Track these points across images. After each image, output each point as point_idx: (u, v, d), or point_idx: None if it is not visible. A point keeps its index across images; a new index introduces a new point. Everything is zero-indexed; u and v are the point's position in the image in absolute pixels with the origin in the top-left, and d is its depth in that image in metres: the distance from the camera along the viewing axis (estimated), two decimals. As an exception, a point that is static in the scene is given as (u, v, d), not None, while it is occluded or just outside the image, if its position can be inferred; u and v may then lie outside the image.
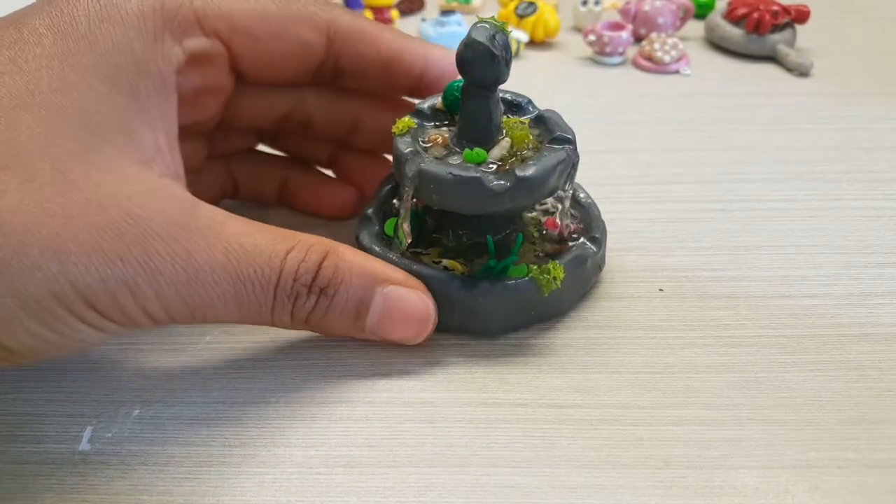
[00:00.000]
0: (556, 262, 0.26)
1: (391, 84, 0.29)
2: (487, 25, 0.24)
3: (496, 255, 0.26)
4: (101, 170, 0.20)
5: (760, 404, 0.24)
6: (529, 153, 0.26)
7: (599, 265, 0.29)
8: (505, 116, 0.27)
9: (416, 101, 0.28)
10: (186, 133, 0.26)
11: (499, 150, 0.26)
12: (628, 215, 0.34)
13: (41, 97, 0.20)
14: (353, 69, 0.29)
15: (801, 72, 0.48)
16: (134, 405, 0.24)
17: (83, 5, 0.22)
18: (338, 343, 0.27)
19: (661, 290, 0.29)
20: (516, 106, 0.28)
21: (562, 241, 0.28)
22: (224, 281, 0.21)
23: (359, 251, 0.25)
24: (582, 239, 0.28)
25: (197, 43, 0.25)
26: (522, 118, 0.27)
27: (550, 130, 0.26)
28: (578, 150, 0.26)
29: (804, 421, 0.24)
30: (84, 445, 0.23)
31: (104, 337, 0.22)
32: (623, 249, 0.31)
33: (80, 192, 0.20)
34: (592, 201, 0.30)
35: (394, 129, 0.26)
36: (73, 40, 0.21)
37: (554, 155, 0.25)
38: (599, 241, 0.28)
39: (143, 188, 0.21)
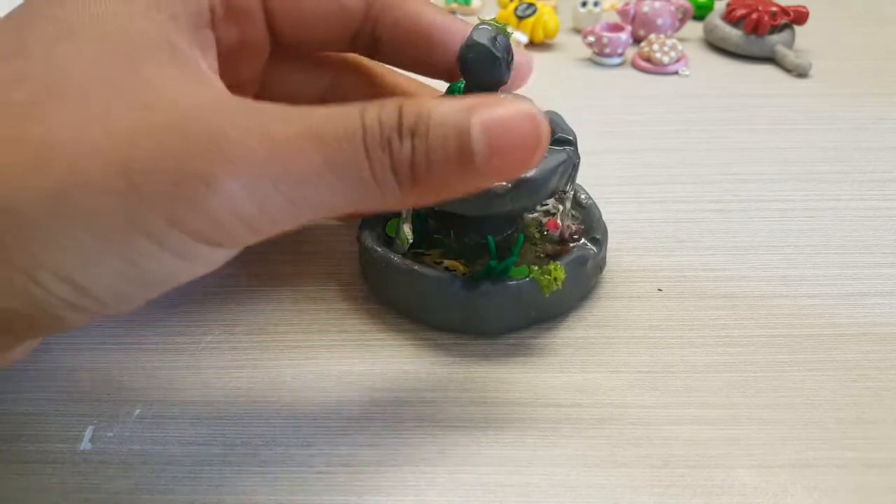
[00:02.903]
0: (557, 263, 0.26)
1: (429, 60, 0.28)
2: (489, 27, 0.24)
3: (497, 255, 0.26)
4: (152, 82, 0.19)
5: (759, 404, 0.24)
6: None
7: (600, 266, 0.29)
8: None
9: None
10: None
11: None
12: (628, 215, 0.34)
13: (82, 29, 0.20)
14: (390, 38, 0.27)
15: (800, 72, 0.48)
16: (135, 405, 0.24)
17: None
18: (338, 343, 0.27)
19: (659, 290, 0.29)
20: None
21: (563, 242, 0.29)
22: (310, 149, 0.19)
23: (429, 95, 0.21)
24: (583, 240, 0.29)
25: None
26: None
27: (552, 132, 0.26)
28: (578, 150, 0.26)
29: (803, 420, 0.24)
30: (85, 445, 0.23)
31: (193, 267, 0.19)
32: (622, 249, 0.31)
33: (133, 103, 0.19)
34: (594, 202, 0.30)
35: None
36: None
37: (555, 156, 0.25)
38: (600, 242, 0.28)
39: (200, 89, 0.20)
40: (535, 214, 0.30)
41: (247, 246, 0.20)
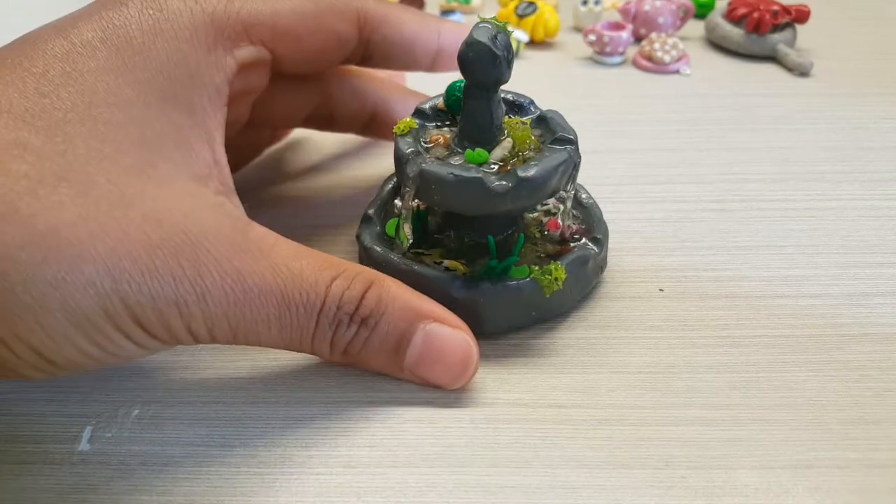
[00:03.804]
0: (558, 262, 0.26)
1: (413, 62, 0.31)
2: (489, 25, 0.24)
3: (497, 255, 0.26)
4: (157, 185, 0.20)
5: (761, 404, 0.24)
6: (531, 153, 0.26)
7: (601, 266, 0.29)
8: (507, 117, 0.27)
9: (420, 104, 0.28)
10: None
11: (500, 150, 0.26)
12: (628, 215, 0.34)
13: (97, 111, 0.20)
14: (379, 53, 0.30)
15: (801, 72, 0.48)
16: (134, 405, 0.24)
17: (135, 18, 0.22)
18: (338, 343, 0.27)
19: (661, 290, 0.29)
20: (518, 106, 0.28)
21: (563, 241, 0.28)
22: (270, 304, 0.21)
23: (403, 285, 0.24)
24: (584, 240, 0.28)
25: (246, 52, 0.25)
26: (524, 118, 0.27)
27: (552, 131, 0.26)
28: (579, 149, 0.26)
29: (804, 421, 0.24)
30: (84, 445, 0.23)
31: (145, 353, 0.22)
32: (623, 249, 0.31)
33: (135, 207, 0.20)
34: (594, 202, 0.30)
35: (395, 130, 0.26)
36: (127, 55, 0.21)
37: (556, 155, 0.25)
38: (601, 242, 0.28)
39: (198, 205, 0.21)
40: (536, 214, 0.30)
41: None
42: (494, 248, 0.26)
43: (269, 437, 0.23)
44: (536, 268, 0.26)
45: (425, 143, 0.27)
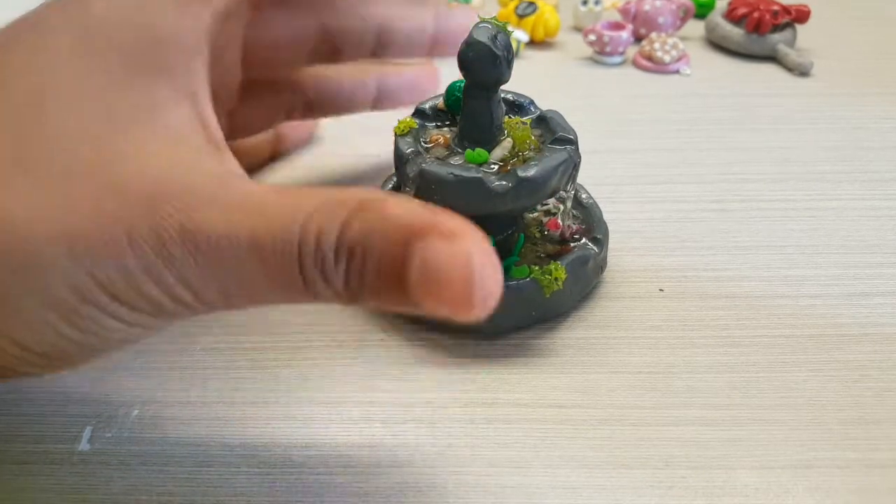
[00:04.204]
0: (558, 262, 0.26)
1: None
2: (489, 25, 0.24)
3: (497, 255, 0.26)
4: (120, 156, 0.19)
5: (761, 404, 0.24)
6: (531, 154, 0.26)
7: (601, 266, 0.29)
8: (507, 117, 0.27)
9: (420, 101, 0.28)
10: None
11: (500, 150, 0.26)
12: (628, 215, 0.34)
13: (56, 91, 0.20)
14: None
15: (802, 72, 0.48)
16: (133, 405, 0.24)
17: None
18: (337, 343, 0.27)
19: (661, 290, 0.29)
20: (518, 106, 0.28)
21: (563, 241, 0.28)
22: (243, 254, 0.19)
23: (407, 199, 0.20)
24: (584, 240, 0.28)
25: (221, 1, 0.23)
26: (524, 118, 0.27)
27: (552, 131, 0.26)
28: (579, 149, 0.26)
29: (804, 421, 0.24)
30: (84, 445, 0.23)
31: (142, 332, 0.20)
32: (623, 249, 0.31)
33: (95, 181, 0.19)
34: (595, 202, 0.30)
35: (395, 130, 0.27)
36: (91, 27, 0.21)
37: (556, 155, 0.25)
38: (601, 242, 0.28)
39: (169, 166, 0.20)
40: (536, 214, 0.30)
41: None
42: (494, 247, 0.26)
43: (270, 437, 0.23)
44: (536, 268, 0.26)
45: (425, 143, 0.27)
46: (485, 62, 0.24)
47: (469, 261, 0.18)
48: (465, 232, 0.19)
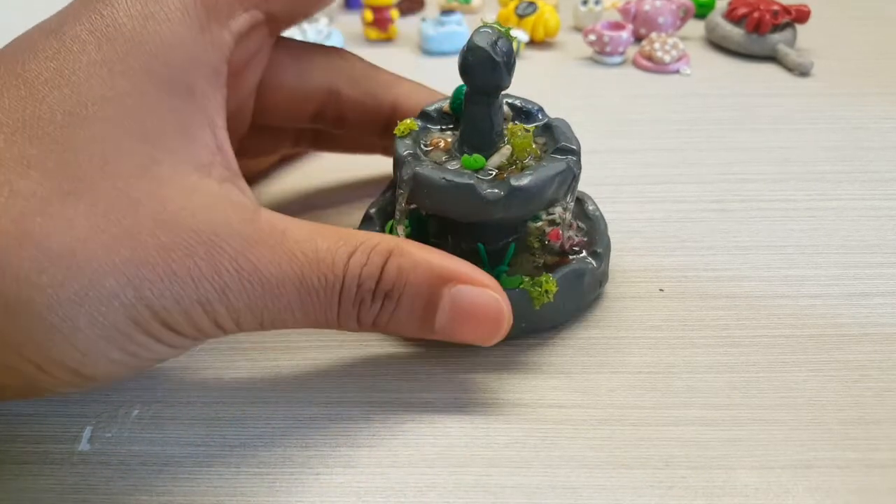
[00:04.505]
0: (550, 275, 0.26)
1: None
2: (490, 30, 0.24)
3: (490, 263, 0.26)
4: (162, 184, 0.20)
5: (761, 404, 0.24)
6: (531, 162, 0.25)
7: (600, 280, 0.28)
8: (512, 123, 0.27)
9: (427, 106, 0.28)
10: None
11: (498, 157, 0.25)
12: (628, 215, 0.34)
13: (93, 109, 0.20)
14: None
15: (802, 72, 0.48)
16: (133, 405, 0.24)
17: (123, 5, 0.21)
18: (337, 343, 0.27)
19: (661, 290, 0.29)
20: (526, 113, 0.28)
21: (563, 253, 0.28)
22: (289, 291, 0.21)
23: (425, 246, 0.23)
24: (584, 253, 0.28)
25: (241, 21, 0.24)
26: (528, 126, 0.27)
27: (556, 140, 0.26)
28: (581, 160, 0.26)
29: (804, 421, 0.24)
30: (84, 445, 0.23)
31: (177, 352, 0.22)
32: (623, 249, 0.31)
33: (144, 210, 0.20)
34: (601, 214, 0.29)
35: (396, 131, 0.26)
36: (118, 44, 0.21)
37: (553, 165, 0.25)
38: (601, 257, 0.28)
39: (205, 200, 0.21)
40: (540, 224, 0.29)
41: None
42: (485, 255, 0.26)
43: (269, 437, 0.23)
44: (528, 279, 0.26)
45: (426, 146, 0.27)
46: (484, 68, 0.24)
47: (497, 301, 0.23)
48: (490, 279, 0.23)
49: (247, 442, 0.23)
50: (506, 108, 0.28)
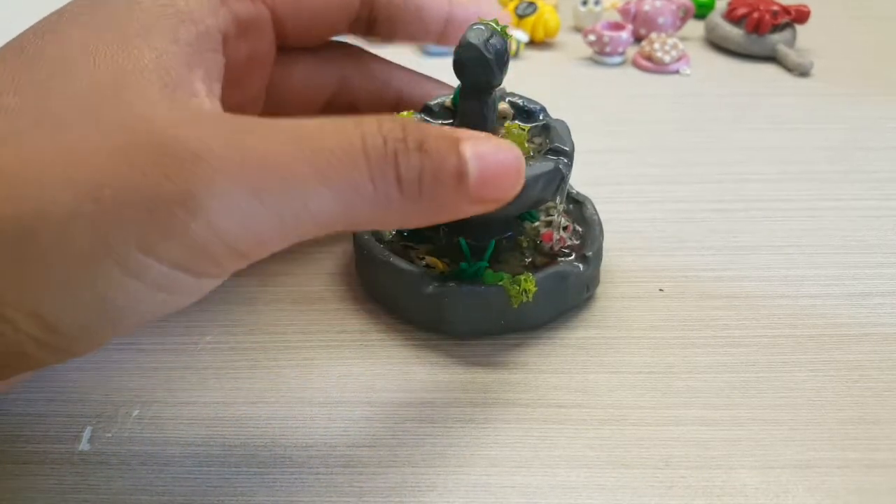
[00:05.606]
0: (531, 274, 0.25)
1: (422, 28, 0.29)
2: (483, 28, 0.24)
3: (474, 258, 0.26)
4: (129, 103, 0.18)
5: (760, 404, 0.24)
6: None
7: (587, 285, 0.28)
8: (516, 123, 0.27)
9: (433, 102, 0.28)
10: None
11: None
12: (629, 215, 0.34)
13: (74, 64, 0.19)
14: (385, 14, 0.28)
15: (801, 72, 0.48)
16: (134, 405, 0.24)
17: None
18: (337, 343, 0.27)
19: (661, 290, 0.29)
20: (527, 112, 0.28)
21: (554, 255, 0.28)
22: (299, 159, 0.18)
23: None
24: (573, 255, 0.27)
25: (243, 7, 0.24)
26: (526, 125, 0.27)
27: (552, 140, 0.26)
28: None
29: (804, 421, 0.24)
30: (84, 445, 0.23)
31: (176, 299, 0.18)
32: (623, 249, 0.31)
33: (106, 126, 0.18)
34: (598, 219, 0.29)
35: None
36: (112, 7, 0.21)
37: (540, 165, 0.24)
38: (590, 261, 0.27)
39: (182, 107, 0.19)
40: (536, 224, 0.29)
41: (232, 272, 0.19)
42: (467, 250, 0.26)
43: (269, 437, 0.23)
44: (509, 277, 0.25)
45: None
46: (475, 65, 0.23)
47: (509, 146, 0.21)
48: (491, 136, 0.21)
49: (247, 442, 0.23)
50: (507, 106, 0.28)
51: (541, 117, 0.27)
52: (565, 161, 0.25)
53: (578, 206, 0.30)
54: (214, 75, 0.22)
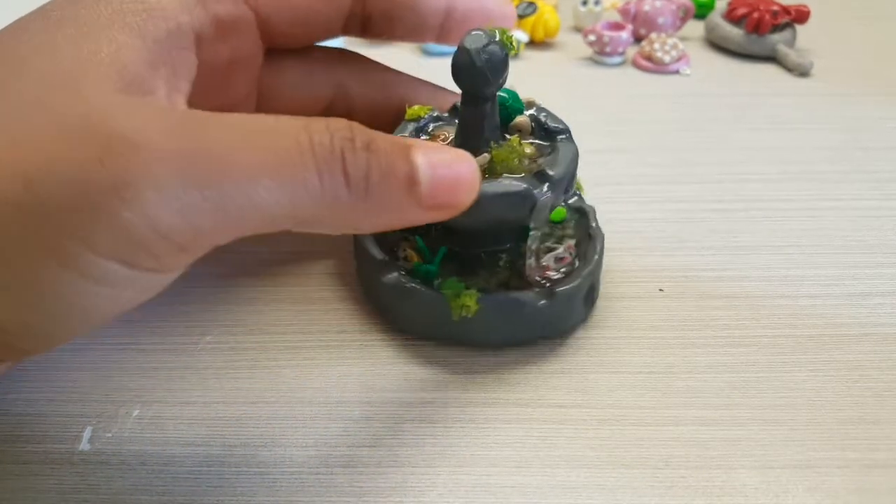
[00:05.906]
0: (473, 291, 0.25)
1: (420, 23, 0.28)
2: (483, 33, 0.23)
3: (433, 260, 0.26)
4: (76, 92, 0.18)
5: (760, 404, 0.24)
6: (507, 176, 0.24)
7: (550, 322, 0.26)
8: (516, 138, 0.26)
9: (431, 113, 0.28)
10: None
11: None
12: (629, 215, 0.34)
13: (33, 61, 0.19)
14: (379, 11, 0.27)
15: (801, 72, 0.48)
16: (134, 405, 0.24)
17: None
18: (337, 343, 0.27)
19: (661, 290, 0.29)
20: (546, 130, 0.26)
21: (529, 282, 0.26)
22: (242, 150, 0.17)
23: None
24: (548, 287, 0.26)
25: (223, 8, 0.23)
26: (530, 143, 0.26)
27: (547, 164, 0.25)
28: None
29: (804, 421, 0.24)
30: (84, 445, 0.23)
31: (127, 294, 0.18)
32: (623, 249, 0.31)
33: (46, 115, 0.17)
34: (598, 247, 0.27)
35: (406, 114, 0.27)
36: (81, 6, 0.20)
37: (507, 184, 0.24)
38: (557, 299, 0.25)
39: (129, 98, 0.18)
40: (536, 245, 0.27)
41: (182, 271, 0.19)
42: (426, 250, 0.27)
43: (269, 437, 0.23)
44: (456, 286, 0.25)
45: (426, 137, 0.27)
46: (466, 73, 0.23)
47: (463, 154, 0.21)
48: (447, 147, 0.22)
49: (247, 442, 0.23)
50: (526, 119, 0.27)
51: (558, 139, 0.26)
52: (543, 188, 0.24)
53: (584, 217, 0.29)
54: (183, 74, 0.22)
